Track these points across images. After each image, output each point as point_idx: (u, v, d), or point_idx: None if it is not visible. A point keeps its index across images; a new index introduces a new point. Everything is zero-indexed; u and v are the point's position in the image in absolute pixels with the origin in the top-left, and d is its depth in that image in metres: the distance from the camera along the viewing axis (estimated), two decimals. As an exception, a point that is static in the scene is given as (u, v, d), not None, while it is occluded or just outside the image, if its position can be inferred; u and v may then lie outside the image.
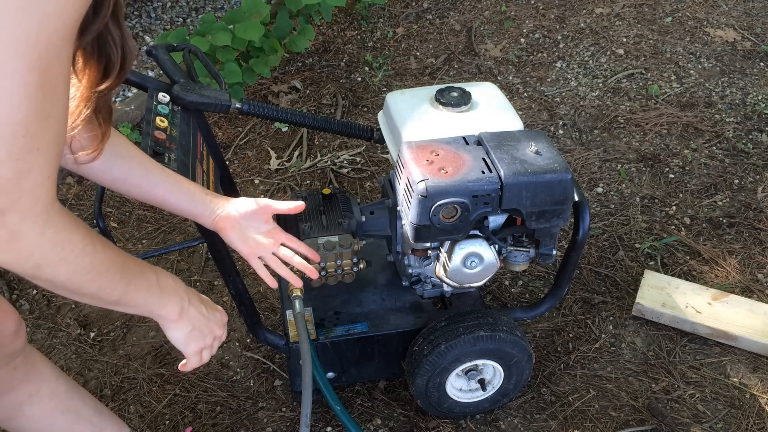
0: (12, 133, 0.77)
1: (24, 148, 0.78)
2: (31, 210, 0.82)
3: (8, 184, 0.78)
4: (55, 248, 0.88)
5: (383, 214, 1.72)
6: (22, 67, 0.75)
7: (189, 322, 1.14)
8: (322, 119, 1.79)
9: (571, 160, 2.76)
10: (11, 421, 1.43)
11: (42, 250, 0.86)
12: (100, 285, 0.96)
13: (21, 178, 0.79)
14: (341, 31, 3.65)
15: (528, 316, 1.86)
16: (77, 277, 0.92)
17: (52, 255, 0.88)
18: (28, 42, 0.75)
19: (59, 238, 0.88)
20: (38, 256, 0.86)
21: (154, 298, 1.08)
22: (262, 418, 1.90)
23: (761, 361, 2.02)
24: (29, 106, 0.77)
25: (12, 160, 0.78)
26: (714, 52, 3.38)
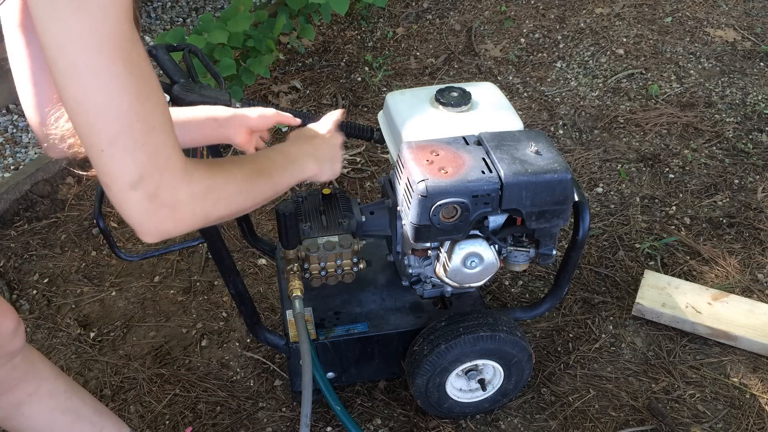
0: (127, 124, 0.81)
1: (143, 131, 0.83)
2: (174, 181, 0.88)
3: (148, 167, 0.84)
4: (208, 196, 0.94)
5: (383, 214, 1.72)
6: (105, 62, 0.78)
7: (327, 163, 1.30)
8: (322, 119, 1.79)
9: (571, 160, 2.76)
10: (10, 420, 1.43)
11: (200, 204, 0.93)
12: (254, 195, 1.05)
13: (154, 158, 0.84)
14: (341, 31, 3.65)
15: (528, 316, 1.86)
16: (235, 203, 1.00)
17: (209, 202, 0.95)
18: (99, 37, 0.77)
19: (205, 187, 0.94)
20: (200, 210, 0.93)
21: (296, 171, 1.20)
22: (262, 418, 1.90)
23: (761, 361, 2.02)
24: (129, 94, 0.81)
25: (139, 146, 0.82)
26: (714, 52, 3.38)
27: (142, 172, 0.84)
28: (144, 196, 0.85)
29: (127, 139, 0.81)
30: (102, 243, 2.43)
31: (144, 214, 0.87)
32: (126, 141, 0.81)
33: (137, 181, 0.84)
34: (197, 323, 2.16)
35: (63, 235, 2.48)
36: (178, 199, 0.89)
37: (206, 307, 2.21)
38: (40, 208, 2.57)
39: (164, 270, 2.34)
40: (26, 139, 2.93)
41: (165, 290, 2.27)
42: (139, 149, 0.83)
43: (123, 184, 0.84)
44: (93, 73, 0.78)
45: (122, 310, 2.21)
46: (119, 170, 0.83)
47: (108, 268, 2.35)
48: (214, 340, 2.12)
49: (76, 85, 0.79)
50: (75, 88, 0.79)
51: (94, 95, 0.79)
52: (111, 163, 0.82)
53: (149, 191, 0.85)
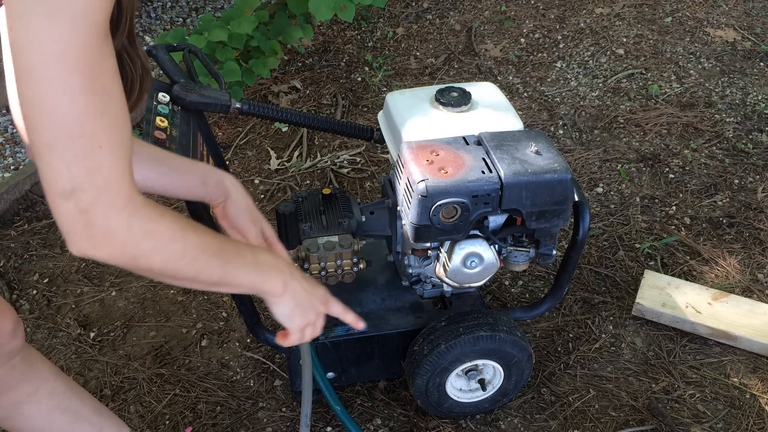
0: (69, 135, 0.80)
1: (86, 147, 0.81)
2: (114, 205, 0.85)
3: (83, 183, 0.82)
4: (146, 239, 0.90)
5: (383, 214, 1.72)
6: (63, 72, 0.77)
7: (293, 297, 1.14)
8: (322, 119, 1.79)
9: (571, 160, 2.76)
10: (10, 420, 1.43)
11: (133, 242, 0.89)
12: (197, 269, 0.98)
13: (93, 175, 0.82)
14: (341, 31, 3.65)
15: (528, 316, 1.86)
16: (173, 264, 0.95)
17: (144, 246, 0.90)
18: (63, 46, 0.77)
19: (147, 229, 0.90)
20: (131, 249, 0.89)
21: (255, 276, 1.09)
22: (262, 418, 1.90)
23: (761, 361, 2.02)
24: (78, 107, 0.80)
25: (78, 161, 0.81)
26: (714, 52, 3.38)
27: (74, 186, 0.82)
28: (74, 208, 0.83)
29: (64, 150, 0.80)
30: (102, 243, 2.43)
31: (70, 226, 0.84)
32: (63, 152, 0.80)
33: (69, 193, 0.82)
34: (197, 323, 2.16)
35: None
36: (110, 224, 0.86)
37: (206, 307, 2.21)
38: (40, 208, 2.57)
39: (164, 270, 2.34)
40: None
41: (165, 290, 2.27)
42: (77, 163, 0.81)
43: (54, 192, 0.82)
44: (48, 80, 0.78)
45: (122, 310, 2.21)
46: (52, 177, 0.82)
47: (108, 268, 2.35)
48: (214, 340, 2.12)
49: (30, 86, 0.78)
50: (28, 89, 0.79)
51: (44, 100, 0.79)
52: (46, 168, 0.82)
53: (81, 206, 0.83)
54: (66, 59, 0.77)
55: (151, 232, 0.90)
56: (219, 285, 1.05)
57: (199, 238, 0.98)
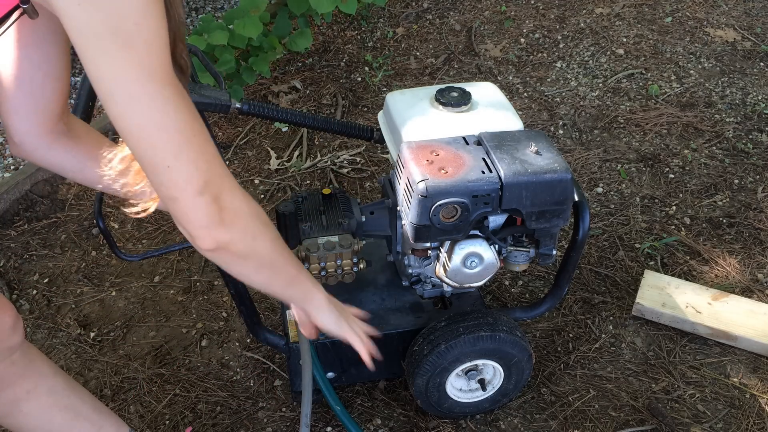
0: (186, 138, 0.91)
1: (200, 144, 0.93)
2: (233, 187, 0.99)
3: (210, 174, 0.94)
4: (259, 217, 1.04)
5: (383, 214, 1.72)
6: (157, 87, 0.88)
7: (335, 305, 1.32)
8: (322, 119, 1.79)
9: (571, 160, 2.76)
10: (9, 417, 1.43)
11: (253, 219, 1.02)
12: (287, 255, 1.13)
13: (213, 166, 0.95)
14: (341, 31, 3.65)
15: (528, 316, 1.86)
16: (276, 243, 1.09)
17: (259, 223, 1.04)
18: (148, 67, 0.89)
19: (256, 208, 1.04)
20: (252, 226, 1.02)
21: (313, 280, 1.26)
22: (262, 418, 1.90)
23: (761, 361, 2.02)
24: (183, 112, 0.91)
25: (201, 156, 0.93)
26: (714, 52, 3.38)
27: (206, 177, 0.93)
28: (209, 199, 0.94)
29: (189, 150, 0.91)
30: (102, 243, 2.43)
31: (209, 218, 0.95)
32: (189, 153, 0.91)
33: (203, 187, 0.93)
34: (197, 323, 2.16)
35: (63, 235, 2.48)
36: (236, 205, 0.98)
37: (206, 307, 2.21)
38: (40, 208, 2.57)
39: (164, 270, 2.34)
40: (26, 139, 2.92)
41: (165, 290, 2.27)
42: (201, 158, 0.92)
43: (191, 192, 0.93)
44: (149, 99, 0.87)
45: (122, 310, 2.21)
46: (186, 179, 0.92)
47: (108, 268, 2.35)
48: (214, 340, 2.12)
49: (136, 111, 0.88)
50: (136, 115, 0.88)
51: (154, 117, 0.88)
52: (178, 175, 0.91)
53: (213, 193, 0.94)
54: (155, 77, 0.88)
55: (259, 212, 1.04)
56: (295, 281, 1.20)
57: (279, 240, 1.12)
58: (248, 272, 1.09)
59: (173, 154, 0.90)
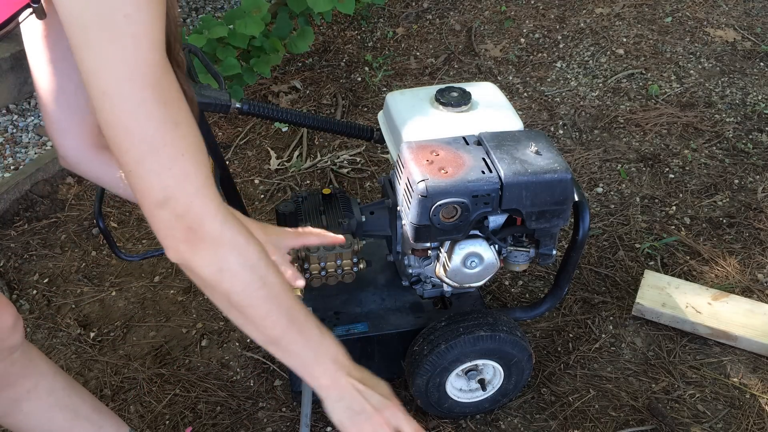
0: (152, 146, 0.84)
1: (170, 156, 0.86)
2: (206, 211, 0.89)
3: (175, 190, 0.86)
4: (233, 252, 0.92)
5: (383, 214, 1.72)
6: (135, 89, 0.82)
7: (340, 393, 1.04)
8: (322, 119, 1.79)
9: (571, 160, 2.76)
10: (8, 417, 1.43)
11: (223, 252, 0.91)
12: (268, 309, 0.96)
13: (182, 183, 0.87)
14: (341, 31, 3.65)
15: (528, 316, 1.86)
16: (251, 291, 0.94)
17: (232, 259, 0.92)
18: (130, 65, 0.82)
19: (237, 242, 0.92)
20: (221, 258, 0.91)
21: (311, 351, 1.02)
22: (262, 418, 1.90)
23: (761, 361, 2.02)
24: (156, 120, 0.84)
25: (166, 170, 0.85)
26: (714, 52, 3.38)
27: (167, 194, 0.86)
28: (171, 215, 0.87)
29: (152, 161, 0.85)
30: (102, 243, 2.43)
31: (169, 231, 0.88)
32: (151, 163, 0.85)
33: (163, 201, 0.86)
34: (197, 323, 2.16)
35: (63, 235, 2.48)
36: (206, 229, 0.89)
37: (206, 307, 2.21)
38: (40, 208, 2.57)
39: (164, 270, 2.34)
40: (26, 139, 2.93)
41: (165, 290, 2.27)
42: (165, 172, 0.85)
43: (150, 203, 0.87)
44: (122, 99, 0.82)
45: (122, 310, 2.21)
46: (146, 189, 0.86)
47: (108, 268, 2.35)
48: (214, 340, 2.12)
49: (107, 108, 0.83)
50: (106, 112, 0.83)
51: (124, 119, 0.83)
52: (139, 182, 0.86)
53: (177, 212, 0.87)
54: (135, 76, 0.82)
55: (239, 246, 0.92)
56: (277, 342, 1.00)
57: (277, 277, 0.97)
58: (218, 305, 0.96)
59: (135, 161, 0.85)
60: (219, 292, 0.94)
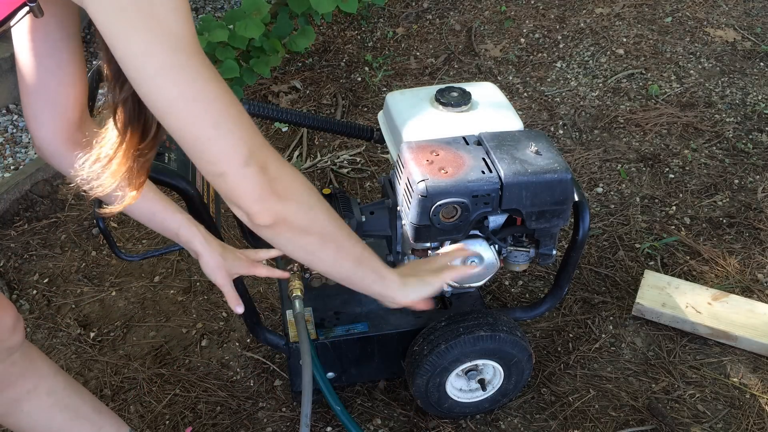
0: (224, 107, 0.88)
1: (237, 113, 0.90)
2: (277, 158, 0.95)
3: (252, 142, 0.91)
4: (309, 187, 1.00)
5: (383, 214, 1.72)
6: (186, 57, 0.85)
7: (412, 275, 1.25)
8: (322, 119, 1.79)
9: (571, 160, 2.76)
10: (9, 417, 1.43)
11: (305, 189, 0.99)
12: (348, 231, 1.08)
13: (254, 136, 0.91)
14: (341, 31, 3.65)
15: (528, 316, 1.86)
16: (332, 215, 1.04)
17: (312, 193, 1.00)
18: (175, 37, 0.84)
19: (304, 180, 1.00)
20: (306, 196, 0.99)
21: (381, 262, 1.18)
22: (262, 418, 1.90)
23: (761, 361, 2.02)
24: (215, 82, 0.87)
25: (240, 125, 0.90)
26: (714, 52, 3.38)
27: (250, 146, 0.90)
28: (257, 169, 0.90)
29: (228, 120, 0.88)
30: (102, 243, 2.43)
31: (260, 189, 0.92)
32: (228, 122, 0.88)
33: (249, 156, 0.89)
34: (197, 323, 2.16)
35: (63, 235, 2.48)
36: (285, 174, 0.95)
37: (206, 307, 2.21)
38: (40, 208, 2.57)
39: (164, 270, 2.34)
40: (26, 139, 2.93)
41: (165, 290, 2.27)
42: (241, 128, 0.89)
43: (237, 163, 0.89)
44: (179, 70, 0.84)
45: (122, 310, 2.21)
46: (231, 150, 0.88)
47: (108, 268, 2.35)
48: (214, 340, 2.12)
49: (167, 84, 0.84)
50: (167, 88, 0.85)
51: (188, 88, 0.85)
52: (222, 145, 0.88)
53: (260, 164, 0.91)
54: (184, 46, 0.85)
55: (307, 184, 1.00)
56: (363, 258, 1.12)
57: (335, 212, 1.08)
58: (314, 248, 1.03)
59: (212, 125, 0.87)
60: (315, 230, 1.00)
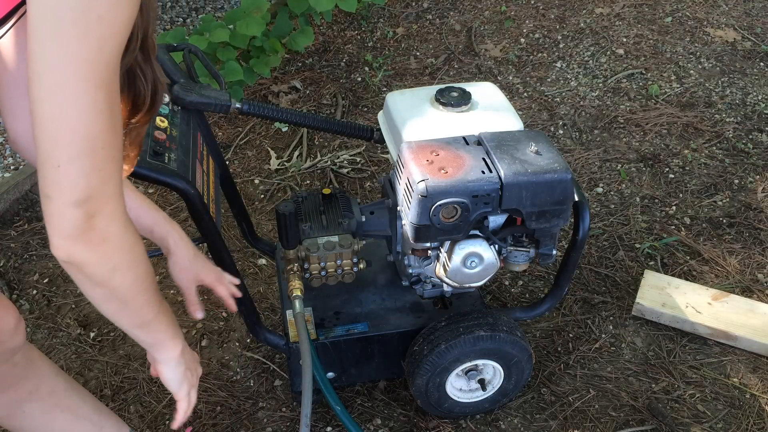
0: (92, 148, 0.86)
1: (104, 159, 0.87)
2: (116, 213, 0.93)
3: (96, 191, 0.88)
4: (131, 251, 0.97)
5: (383, 214, 1.72)
6: (90, 88, 0.83)
7: (184, 360, 1.23)
8: (322, 119, 1.79)
9: (571, 160, 2.76)
10: (10, 419, 1.43)
11: (121, 251, 0.96)
12: (147, 297, 1.05)
13: (105, 185, 0.89)
14: (341, 31, 3.65)
15: (528, 316, 1.86)
16: (138, 284, 1.01)
17: (127, 258, 0.97)
18: (92, 65, 0.83)
19: (132, 242, 0.97)
20: (117, 258, 0.95)
21: (172, 329, 1.16)
22: (262, 418, 1.90)
23: (761, 361, 2.02)
24: (102, 122, 0.86)
25: (96, 172, 0.87)
26: (714, 52, 3.38)
27: (93, 193, 0.88)
28: (82, 214, 0.88)
29: (86, 161, 0.86)
30: (102, 243, 2.43)
31: (71, 230, 0.89)
32: (85, 163, 0.85)
33: (83, 200, 0.87)
34: (197, 323, 2.16)
35: (63, 235, 2.48)
36: (109, 230, 0.92)
37: (206, 307, 2.21)
38: (40, 208, 2.57)
39: (164, 270, 2.34)
40: (26, 139, 2.92)
41: (165, 290, 2.27)
42: (95, 174, 0.87)
43: (67, 199, 0.87)
44: (76, 96, 0.83)
45: (122, 310, 2.21)
46: (69, 185, 0.87)
47: (108, 268, 2.35)
48: (214, 340, 2.12)
49: (55, 102, 0.83)
50: (53, 105, 0.83)
51: (72, 115, 0.83)
52: (64, 175, 0.86)
53: (90, 211, 0.88)
54: (94, 77, 0.83)
55: (134, 245, 0.98)
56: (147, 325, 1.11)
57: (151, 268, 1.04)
58: (96, 299, 1.01)
59: (69, 157, 0.85)
60: (105, 288, 0.98)
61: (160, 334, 1.15)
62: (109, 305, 1.03)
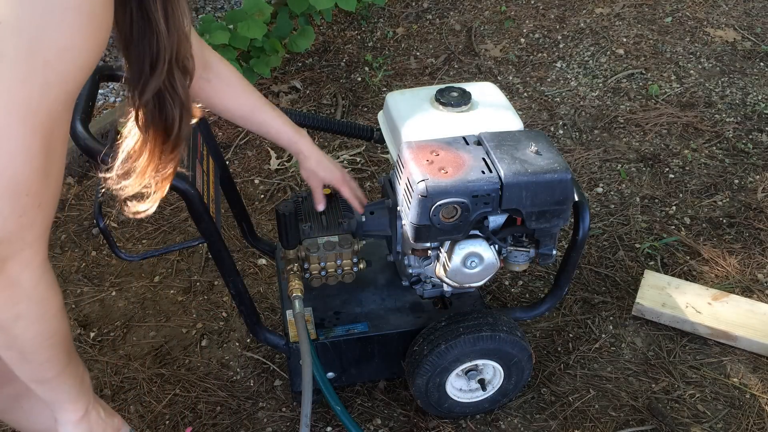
0: (16, 192, 0.81)
1: (27, 205, 0.82)
2: (32, 261, 0.87)
3: (12, 236, 0.83)
4: (40, 304, 0.91)
5: (383, 214, 1.72)
6: (25, 132, 0.79)
7: (88, 425, 1.16)
8: (322, 119, 1.79)
9: (571, 160, 2.76)
10: (9, 413, 1.43)
11: (29, 301, 0.89)
12: (51, 354, 0.99)
13: (24, 231, 0.84)
14: (341, 31, 3.65)
15: (528, 316, 1.86)
16: (41, 339, 0.95)
17: (35, 309, 0.91)
18: (30, 108, 0.78)
19: (46, 295, 0.91)
20: (23, 307, 0.89)
21: (75, 390, 1.11)
22: (262, 418, 1.90)
23: (761, 361, 2.02)
24: (32, 167, 0.81)
25: (15, 216, 0.82)
26: (714, 52, 3.38)
27: (3, 237, 0.82)
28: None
29: (6, 204, 0.81)
30: (102, 243, 2.43)
31: None
32: (5, 205, 0.81)
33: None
34: (197, 323, 2.16)
35: (63, 235, 2.48)
36: (21, 279, 0.87)
37: (206, 307, 2.21)
38: (40, 208, 2.57)
39: (164, 270, 2.34)
40: (26, 139, 2.92)
41: (165, 290, 2.27)
42: (13, 219, 0.82)
43: None
44: (8, 138, 0.78)
45: (122, 310, 2.21)
46: None
47: (108, 268, 2.35)
48: (214, 340, 2.12)
49: None
50: None
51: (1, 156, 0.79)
52: None
53: (2, 255, 0.83)
54: (31, 122, 0.79)
55: (46, 299, 0.92)
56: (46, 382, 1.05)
57: (65, 326, 0.99)
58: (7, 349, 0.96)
59: None
60: (7, 335, 0.92)
61: (61, 394, 1.09)
62: (7, 352, 0.97)
